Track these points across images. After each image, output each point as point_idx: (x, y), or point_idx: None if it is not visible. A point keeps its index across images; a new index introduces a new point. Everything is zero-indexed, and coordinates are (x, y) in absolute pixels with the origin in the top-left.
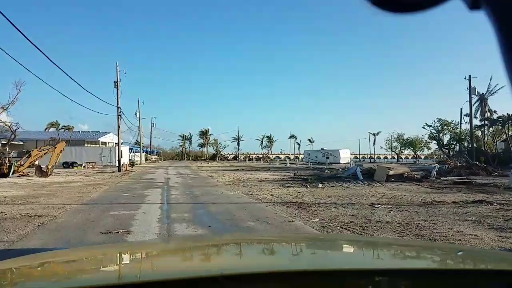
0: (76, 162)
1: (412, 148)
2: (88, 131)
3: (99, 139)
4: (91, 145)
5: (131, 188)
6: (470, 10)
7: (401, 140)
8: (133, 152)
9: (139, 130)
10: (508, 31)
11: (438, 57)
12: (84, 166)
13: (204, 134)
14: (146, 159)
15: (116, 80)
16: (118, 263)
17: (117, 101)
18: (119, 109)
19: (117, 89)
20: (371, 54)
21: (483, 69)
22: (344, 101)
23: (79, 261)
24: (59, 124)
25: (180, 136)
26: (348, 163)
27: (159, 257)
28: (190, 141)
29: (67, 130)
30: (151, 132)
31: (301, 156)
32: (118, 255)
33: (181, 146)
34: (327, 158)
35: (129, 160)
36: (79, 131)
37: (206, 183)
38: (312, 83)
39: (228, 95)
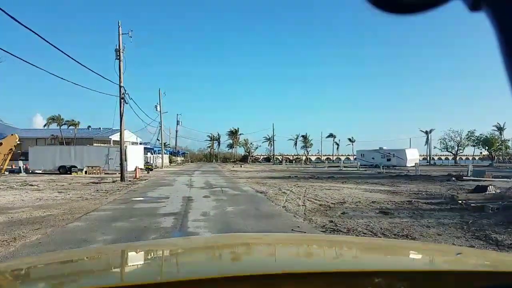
0: (75, 166)
1: (487, 148)
2: (99, 128)
3: (110, 137)
4: (99, 145)
5: (87, 243)
6: (470, 11)
7: (472, 138)
8: (155, 153)
9: (161, 126)
10: (509, 32)
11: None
12: (85, 172)
13: (233, 134)
14: (170, 161)
15: (117, 47)
16: (118, 264)
17: (120, 77)
18: (122, 89)
19: (119, 61)
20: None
21: None
22: (381, 102)
23: (79, 262)
24: (62, 119)
25: (209, 136)
26: (413, 166)
27: (161, 258)
28: (219, 142)
29: (71, 126)
30: (176, 131)
31: (333, 158)
32: (118, 256)
33: (209, 147)
34: (389, 160)
35: (146, 163)
36: (88, 128)
37: (269, 219)
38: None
39: (256, 94)
